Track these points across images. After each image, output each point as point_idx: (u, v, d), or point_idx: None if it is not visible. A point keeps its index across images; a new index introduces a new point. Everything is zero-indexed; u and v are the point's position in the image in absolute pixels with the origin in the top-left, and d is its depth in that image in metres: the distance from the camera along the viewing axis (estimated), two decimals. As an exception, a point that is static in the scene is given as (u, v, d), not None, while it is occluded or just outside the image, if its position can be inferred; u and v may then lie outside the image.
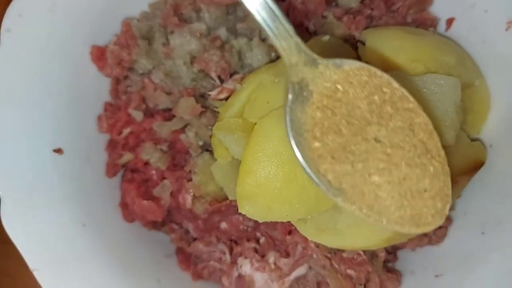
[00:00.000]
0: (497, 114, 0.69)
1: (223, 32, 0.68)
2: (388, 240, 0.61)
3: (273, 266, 0.70)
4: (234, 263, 0.73)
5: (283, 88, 0.56)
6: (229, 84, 0.68)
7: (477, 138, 0.70)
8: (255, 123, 0.61)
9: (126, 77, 0.73)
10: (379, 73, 0.54)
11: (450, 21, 0.73)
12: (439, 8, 0.74)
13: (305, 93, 0.53)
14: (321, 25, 0.71)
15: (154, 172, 0.72)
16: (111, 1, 0.69)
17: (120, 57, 0.69)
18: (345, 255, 0.68)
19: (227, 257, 0.73)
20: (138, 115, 0.71)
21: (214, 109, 0.69)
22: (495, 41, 0.67)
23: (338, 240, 0.62)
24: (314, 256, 0.68)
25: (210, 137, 0.69)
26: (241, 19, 0.70)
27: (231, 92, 0.68)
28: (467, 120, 0.67)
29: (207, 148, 0.71)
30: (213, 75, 0.68)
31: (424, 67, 0.62)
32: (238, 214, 0.65)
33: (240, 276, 0.72)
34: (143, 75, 0.71)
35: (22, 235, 0.61)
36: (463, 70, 0.65)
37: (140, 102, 0.71)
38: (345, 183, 0.52)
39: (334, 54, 0.57)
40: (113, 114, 0.72)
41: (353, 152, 0.52)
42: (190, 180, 0.70)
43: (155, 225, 0.77)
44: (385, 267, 0.71)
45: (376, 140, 0.53)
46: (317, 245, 0.68)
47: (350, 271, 0.67)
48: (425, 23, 0.74)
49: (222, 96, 0.68)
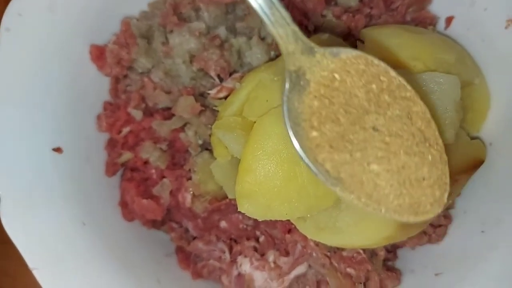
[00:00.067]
0: (497, 112, 0.69)
1: (222, 31, 0.68)
2: (388, 238, 0.61)
3: (272, 265, 0.70)
4: (233, 262, 0.73)
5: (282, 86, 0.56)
6: (229, 83, 0.68)
7: (476, 136, 0.70)
8: (255, 122, 0.61)
9: (126, 76, 0.73)
10: (376, 61, 0.54)
11: (449, 20, 0.73)
12: (438, 7, 0.74)
13: (302, 82, 0.53)
14: (321, 23, 0.71)
15: (153, 171, 0.72)
16: (111, 1, 0.69)
17: (119, 56, 0.69)
18: (344, 253, 0.68)
19: (227, 256, 0.73)
20: (137, 114, 0.71)
21: (214, 108, 0.69)
22: (494, 39, 0.67)
23: (337, 239, 0.62)
24: (314, 254, 0.68)
25: (210, 135, 0.69)
26: (240, 18, 0.70)
27: (231, 91, 0.68)
28: (466, 118, 0.67)
29: (206, 147, 0.71)
30: (212, 74, 0.68)
31: (424, 65, 0.62)
32: (238, 212, 0.65)
33: (239, 275, 0.72)
34: (142, 74, 0.71)
35: (22, 234, 0.61)
36: (462, 68, 0.65)
37: (140, 101, 0.71)
38: (343, 172, 0.51)
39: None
40: (112, 113, 0.72)
41: (351, 141, 0.52)
42: (189, 179, 0.70)
43: (154, 224, 0.77)
44: (384, 266, 0.71)
45: (374, 129, 0.52)
46: (317, 244, 0.67)
47: (349, 270, 0.67)
48: (424, 22, 0.74)
49: (222, 95, 0.68)
